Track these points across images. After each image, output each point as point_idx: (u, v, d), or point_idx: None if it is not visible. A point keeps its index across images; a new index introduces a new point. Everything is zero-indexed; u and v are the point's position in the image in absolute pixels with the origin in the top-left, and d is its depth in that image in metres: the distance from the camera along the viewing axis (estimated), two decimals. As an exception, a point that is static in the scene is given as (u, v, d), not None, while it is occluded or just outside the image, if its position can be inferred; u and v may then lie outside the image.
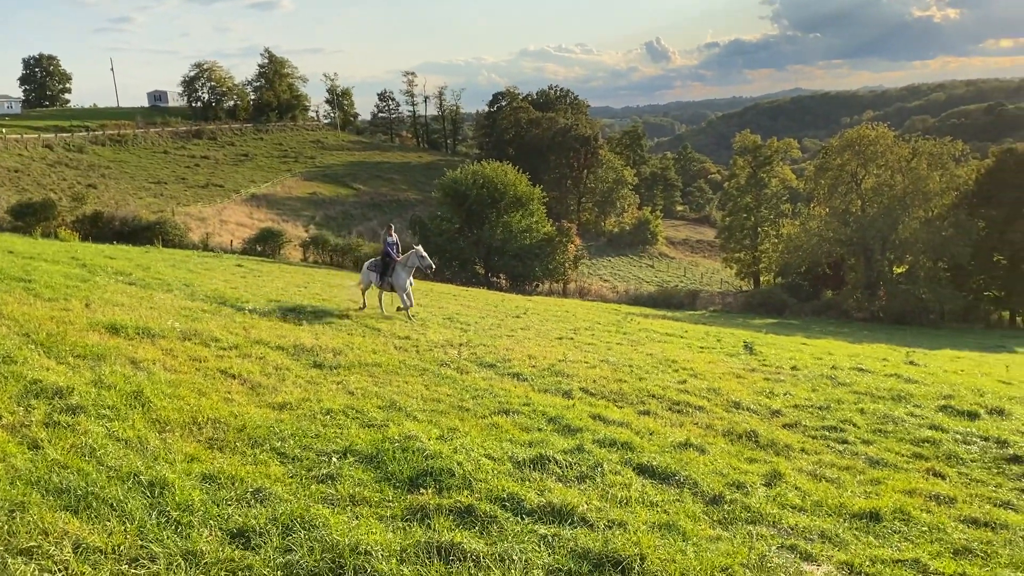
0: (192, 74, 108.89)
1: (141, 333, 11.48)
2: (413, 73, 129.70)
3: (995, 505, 7.91)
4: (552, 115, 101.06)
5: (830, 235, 53.52)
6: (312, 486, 6.61)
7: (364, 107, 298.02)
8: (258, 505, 6.02)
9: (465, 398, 10.64)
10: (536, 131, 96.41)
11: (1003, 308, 55.19)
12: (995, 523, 7.18)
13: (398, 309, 18.55)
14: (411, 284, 18.45)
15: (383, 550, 5.36)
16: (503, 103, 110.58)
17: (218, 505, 5.94)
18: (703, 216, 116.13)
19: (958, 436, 10.52)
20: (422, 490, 6.61)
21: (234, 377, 10.10)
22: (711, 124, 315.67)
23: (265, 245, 45.75)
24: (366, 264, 19.48)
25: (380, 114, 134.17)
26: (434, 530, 5.78)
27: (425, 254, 18.29)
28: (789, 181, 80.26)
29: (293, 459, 7.28)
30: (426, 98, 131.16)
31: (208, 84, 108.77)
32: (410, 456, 7.36)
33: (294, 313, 16.49)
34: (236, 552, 5.28)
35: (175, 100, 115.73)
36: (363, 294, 19.36)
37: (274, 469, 6.93)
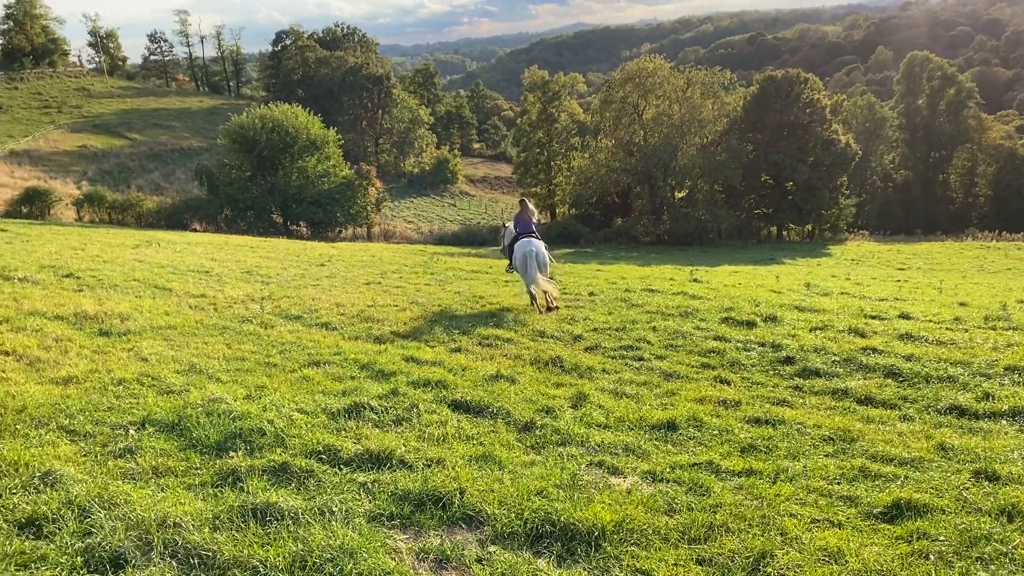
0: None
1: None
2: (185, 11, 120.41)
3: (773, 404, 8.83)
4: (341, 54, 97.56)
5: (617, 165, 56.21)
6: (109, 462, 6.20)
7: (133, 50, 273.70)
8: (48, 490, 5.58)
9: (272, 353, 10.30)
10: (325, 71, 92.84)
11: (771, 224, 60.96)
12: (774, 420, 8.01)
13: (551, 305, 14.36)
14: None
15: (194, 520, 5.13)
16: (287, 42, 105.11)
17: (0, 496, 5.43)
18: (499, 153, 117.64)
19: (739, 344, 11.59)
20: (231, 453, 6.37)
21: (8, 354, 9.21)
22: (500, 61, 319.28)
23: (32, 206, 42.08)
24: (528, 246, 14.21)
25: (152, 57, 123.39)
26: (248, 492, 5.60)
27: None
28: (577, 115, 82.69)
29: (85, 436, 6.78)
30: (202, 38, 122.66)
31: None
32: (216, 420, 7.06)
33: (72, 279, 15.11)
34: (27, 543, 4.87)
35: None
36: (540, 290, 14.54)
37: (64, 449, 6.43)
